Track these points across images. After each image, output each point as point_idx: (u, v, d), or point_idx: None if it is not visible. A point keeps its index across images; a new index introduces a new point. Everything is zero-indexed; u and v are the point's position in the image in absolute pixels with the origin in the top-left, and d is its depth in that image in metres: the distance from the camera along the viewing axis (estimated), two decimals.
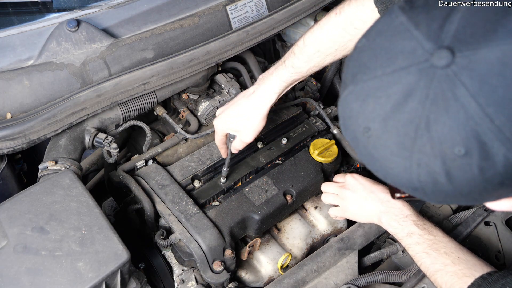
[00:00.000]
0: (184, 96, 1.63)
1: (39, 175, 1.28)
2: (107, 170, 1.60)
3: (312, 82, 1.83)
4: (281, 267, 1.39)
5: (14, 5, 1.37)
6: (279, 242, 1.47)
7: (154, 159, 1.48)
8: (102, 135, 1.38)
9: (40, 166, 1.29)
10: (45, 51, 1.30)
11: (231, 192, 1.44)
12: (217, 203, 1.41)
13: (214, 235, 1.29)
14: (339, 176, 1.48)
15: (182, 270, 1.36)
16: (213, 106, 1.58)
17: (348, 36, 1.18)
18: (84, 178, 1.67)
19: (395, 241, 1.38)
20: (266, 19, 1.58)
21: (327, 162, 1.53)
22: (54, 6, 1.38)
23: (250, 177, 1.48)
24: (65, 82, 1.32)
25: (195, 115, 1.60)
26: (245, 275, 1.40)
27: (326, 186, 1.46)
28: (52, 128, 1.29)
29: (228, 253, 1.31)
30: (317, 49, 1.22)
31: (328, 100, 1.98)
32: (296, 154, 1.54)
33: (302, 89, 1.85)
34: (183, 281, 1.33)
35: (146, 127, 1.49)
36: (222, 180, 1.42)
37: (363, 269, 1.38)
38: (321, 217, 1.53)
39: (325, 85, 1.97)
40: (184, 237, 1.29)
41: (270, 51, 2.03)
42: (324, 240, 1.51)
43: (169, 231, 1.35)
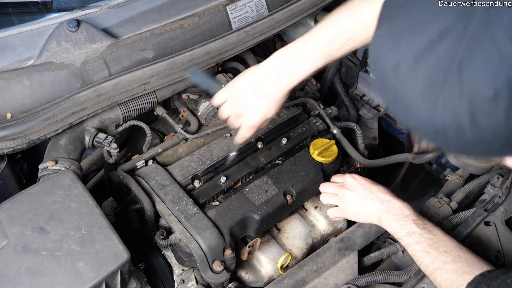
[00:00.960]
0: (184, 96, 1.63)
1: (39, 175, 1.28)
2: (107, 170, 1.60)
3: (312, 82, 1.83)
4: (281, 267, 1.39)
5: (14, 5, 1.37)
6: (279, 242, 1.47)
7: (154, 159, 1.48)
8: (102, 135, 1.38)
9: (40, 166, 1.29)
10: (45, 51, 1.30)
11: (231, 192, 1.44)
12: (217, 203, 1.41)
13: (214, 235, 1.29)
14: (338, 176, 1.48)
15: (182, 270, 1.36)
16: (213, 106, 1.58)
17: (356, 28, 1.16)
18: (84, 178, 1.67)
19: (395, 241, 1.38)
20: (266, 19, 1.58)
21: (327, 162, 1.53)
22: (54, 6, 1.38)
23: (250, 177, 1.48)
24: (65, 82, 1.32)
25: (195, 115, 1.60)
26: (245, 275, 1.40)
27: (324, 187, 1.46)
28: (52, 128, 1.29)
29: (228, 253, 1.31)
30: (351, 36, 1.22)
31: (328, 100, 1.98)
32: (296, 154, 1.54)
33: (302, 89, 1.85)
34: (183, 281, 1.33)
35: (146, 127, 1.49)
36: (232, 153, 1.44)
37: (363, 269, 1.37)
38: (321, 217, 1.53)
39: (325, 85, 1.97)
40: (184, 237, 1.29)
41: (270, 51, 2.02)
42: (324, 240, 1.51)
43: (169, 231, 1.35)
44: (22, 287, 1.01)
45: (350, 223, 1.50)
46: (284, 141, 1.55)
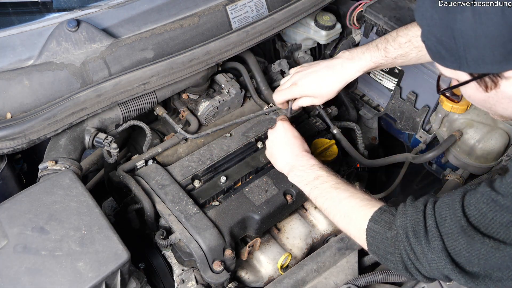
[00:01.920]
0: (184, 96, 1.63)
1: (39, 175, 1.29)
2: (107, 170, 1.60)
3: None
4: (281, 267, 1.39)
5: (14, 5, 1.38)
6: (279, 242, 1.47)
7: (154, 159, 1.49)
8: (102, 135, 1.38)
9: (40, 166, 1.29)
10: (45, 51, 1.30)
11: (231, 192, 1.44)
12: (217, 203, 1.41)
13: (214, 235, 1.30)
14: (280, 117, 1.49)
15: (182, 270, 1.36)
16: (213, 106, 1.58)
17: None
18: (84, 178, 1.67)
19: None
20: (266, 19, 1.58)
21: (327, 162, 1.53)
22: (54, 6, 1.38)
23: (250, 177, 1.48)
24: (65, 82, 1.32)
25: (195, 115, 1.60)
26: (245, 275, 1.40)
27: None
28: (52, 128, 1.29)
29: (228, 253, 1.31)
30: (408, 39, 1.34)
31: (329, 99, 1.97)
32: None
33: None
34: (183, 281, 1.33)
35: (146, 127, 1.49)
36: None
37: (363, 269, 1.38)
38: (321, 217, 1.53)
39: None
40: (184, 237, 1.29)
41: (270, 51, 2.03)
42: (324, 240, 1.51)
43: (169, 231, 1.35)
44: (22, 287, 1.01)
45: None
46: None
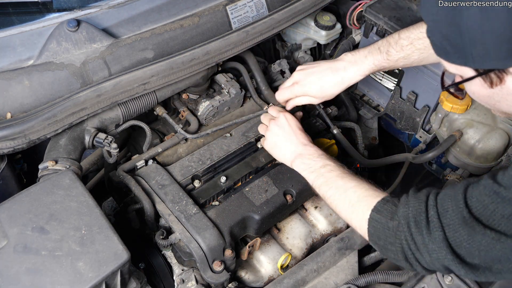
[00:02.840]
0: (184, 96, 1.63)
1: (39, 175, 1.29)
2: (107, 170, 1.60)
3: None
4: (281, 267, 1.39)
5: (14, 5, 1.38)
6: (279, 242, 1.47)
7: (154, 159, 1.49)
8: (102, 135, 1.38)
9: (40, 166, 1.29)
10: (45, 51, 1.30)
11: (231, 192, 1.44)
12: (217, 203, 1.41)
13: (214, 235, 1.30)
14: (274, 109, 1.51)
15: (182, 270, 1.36)
16: (213, 106, 1.58)
17: None
18: (84, 178, 1.68)
19: None
20: (266, 19, 1.58)
21: None
22: (54, 6, 1.38)
23: (250, 177, 1.48)
24: (65, 82, 1.32)
25: (195, 115, 1.60)
26: (245, 275, 1.40)
27: (263, 117, 1.53)
28: (52, 128, 1.29)
29: (228, 253, 1.31)
30: (410, 42, 1.35)
31: (328, 100, 1.97)
32: None
33: None
34: (183, 281, 1.33)
35: (146, 127, 1.49)
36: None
37: (363, 269, 1.38)
38: (321, 217, 1.53)
39: None
40: (184, 237, 1.29)
41: (270, 51, 2.03)
42: (324, 240, 1.51)
43: (169, 231, 1.35)
44: (22, 287, 1.01)
45: None
46: None
